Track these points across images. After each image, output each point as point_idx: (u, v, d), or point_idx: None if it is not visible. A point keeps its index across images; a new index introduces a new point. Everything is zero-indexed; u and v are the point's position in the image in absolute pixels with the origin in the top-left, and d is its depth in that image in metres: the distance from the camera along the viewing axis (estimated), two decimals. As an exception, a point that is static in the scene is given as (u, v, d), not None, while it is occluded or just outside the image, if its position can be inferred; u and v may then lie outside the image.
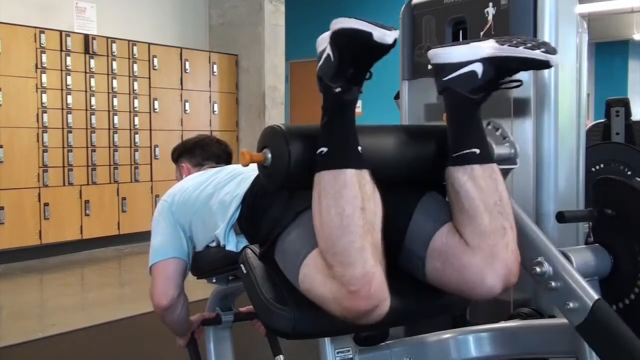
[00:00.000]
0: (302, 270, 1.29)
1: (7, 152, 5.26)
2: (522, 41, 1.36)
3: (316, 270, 1.26)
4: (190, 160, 2.18)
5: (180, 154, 2.21)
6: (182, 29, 7.18)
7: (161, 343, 3.05)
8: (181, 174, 2.18)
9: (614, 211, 1.63)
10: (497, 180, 1.35)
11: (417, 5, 2.47)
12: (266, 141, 1.37)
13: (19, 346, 3.27)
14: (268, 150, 1.34)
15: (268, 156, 1.34)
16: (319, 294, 1.25)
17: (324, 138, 1.28)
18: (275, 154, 1.33)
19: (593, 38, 11.72)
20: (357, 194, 1.23)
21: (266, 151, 1.35)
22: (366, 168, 1.27)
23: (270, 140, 1.35)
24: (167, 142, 6.46)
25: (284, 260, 1.38)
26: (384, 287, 1.20)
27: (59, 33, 5.65)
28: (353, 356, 1.46)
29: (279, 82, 7.30)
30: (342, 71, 1.24)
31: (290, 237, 1.37)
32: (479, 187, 1.32)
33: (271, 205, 1.48)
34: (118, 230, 6.06)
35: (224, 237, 1.67)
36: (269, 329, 1.48)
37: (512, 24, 2.14)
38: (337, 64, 1.24)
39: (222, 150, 2.22)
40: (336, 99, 1.27)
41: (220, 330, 2.15)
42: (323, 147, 1.27)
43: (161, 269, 1.84)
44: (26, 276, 5.09)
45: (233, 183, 1.74)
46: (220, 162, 2.18)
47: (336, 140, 1.27)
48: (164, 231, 1.85)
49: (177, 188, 1.91)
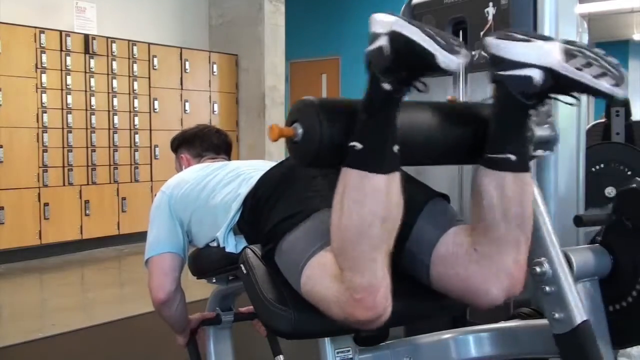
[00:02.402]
0: (305, 272, 1.28)
1: (7, 152, 5.26)
2: (588, 63, 1.22)
3: (322, 271, 1.25)
4: (189, 151, 2.17)
5: (179, 144, 2.21)
6: (182, 29, 7.18)
7: (161, 343, 3.05)
8: (180, 164, 2.18)
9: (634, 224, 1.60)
10: (525, 192, 1.27)
11: (417, 5, 2.47)
12: (297, 115, 1.24)
13: (19, 346, 3.27)
14: (299, 125, 1.23)
15: (299, 131, 1.22)
16: (322, 297, 1.24)
17: (360, 133, 1.17)
18: (306, 129, 1.22)
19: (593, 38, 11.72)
20: (381, 203, 1.17)
21: (297, 125, 1.23)
22: (399, 170, 1.20)
23: (301, 114, 1.23)
24: (167, 142, 6.41)
25: (286, 262, 1.38)
26: (388, 298, 1.18)
27: (59, 33, 5.65)
28: (353, 356, 1.45)
29: (279, 82, 7.30)
30: (395, 70, 1.14)
31: (293, 239, 1.36)
32: (505, 197, 1.25)
33: (274, 207, 1.47)
34: (118, 230, 6.06)
35: (223, 240, 1.67)
36: (269, 329, 1.48)
37: (512, 24, 2.14)
38: (391, 62, 1.14)
39: (222, 140, 2.21)
40: (382, 93, 1.16)
41: (220, 330, 2.15)
42: (357, 143, 1.17)
43: (157, 263, 1.84)
44: (26, 276, 5.09)
45: (235, 183, 1.73)
46: (220, 152, 2.18)
47: (373, 139, 1.17)
48: (160, 225, 1.85)
49: (176, 180, 1.90)
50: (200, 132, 2.20)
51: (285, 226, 1.39)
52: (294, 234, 1.37)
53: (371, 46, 1.18)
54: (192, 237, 1.86)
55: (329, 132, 1.20)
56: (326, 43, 9.01)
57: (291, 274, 1.35)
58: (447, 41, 1.10)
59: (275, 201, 1.48)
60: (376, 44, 1.17)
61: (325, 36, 9.05)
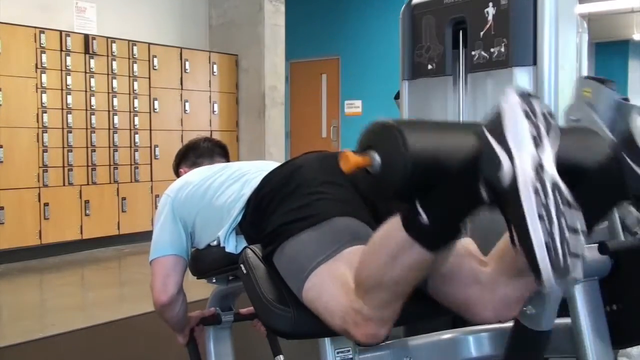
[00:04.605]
0: (311, 279, 1.28)
1: (7, 152, 5.26)
2: None
3: (332, 282, 1.24)
4: (186, 163, 2.23)
5: (177, 164, 2.26)
6: (182, 29, 7.18)
7: (161, 343, 3.05)
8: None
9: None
10: None
11: (417, 5, 2.47)
12: (374, 140, 1.07)
13: (19, 346, 3.27)
14: (376, 154, 1.05)
15: (376, 161, 1.05)
16: (326, 307, 1.24)
17: (434, 202, 1.02)
18: (386, 160, 1.04)
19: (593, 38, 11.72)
20: (415, 272, 1.11)
21: (373, 154, 1.05)
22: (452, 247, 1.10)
23: (380, 140, 1.05)
24: (167, 142, 6.46)
25: (288, 264, 1.37)
26: (391, 327, 1.19)
27: (59, 33, 5.65)
28: (353, 356, 1.45)
29: (279, 82, 7.30)
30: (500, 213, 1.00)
31: (299, 243, 1.36)
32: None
33: (278, 208, 1.47)
34: (118, 230, 6.06)
35: (224, 239, 1.67)
36: (269, 329, 1.48)
37: (512, 24, 2.14)
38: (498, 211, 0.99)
39: (213, 144, 2.26)
40: (468, 204, 1.01)
41: (220, 330, 2.15)
42: (424, 213, 1.02)
43: (160, 265, 1.85)
44: (26, 276, 5.09)
45: (239, 184, 1.73)
46: (214, 155, 2.20)
47: (445, 220, 1.04)
48: (164, 227, 1.86)
49: (180, 182, 1.91)
50: (189, 144, 2.27)
51: (290, 229, 1.38)
52: (300, 237, 1.36)
53: (491, 163, 0.95)
54: (195, 239, 1.86)
55: (412, 167, 1.00)
56: (326, 43, 9.01)
57: (293, 277, 1.34)
58: (562, 252, 0.90)
59: (279, 202, 1.48)
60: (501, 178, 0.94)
61: (325, 36, 9.05)
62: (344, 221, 1.36)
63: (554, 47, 2.11)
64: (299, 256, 1.34)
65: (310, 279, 1.28)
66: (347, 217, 1.37)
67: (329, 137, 9.14)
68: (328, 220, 1.35)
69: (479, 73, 2.26)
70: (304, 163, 1.55)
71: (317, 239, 1.33)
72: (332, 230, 1.33)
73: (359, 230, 1.34)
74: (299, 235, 1.36)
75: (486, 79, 2.24)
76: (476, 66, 2.26)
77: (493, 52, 2.19)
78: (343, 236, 1.32)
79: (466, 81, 2.32)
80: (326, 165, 1.50)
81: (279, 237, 1.40)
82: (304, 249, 1.34)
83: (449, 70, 2.38)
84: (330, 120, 9.16)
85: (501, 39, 2.16)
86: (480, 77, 2.26)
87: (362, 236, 1.28)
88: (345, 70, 9.01)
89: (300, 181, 1.48)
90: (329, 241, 1.30)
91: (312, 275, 1.28)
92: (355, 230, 1.34)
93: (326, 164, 1.51)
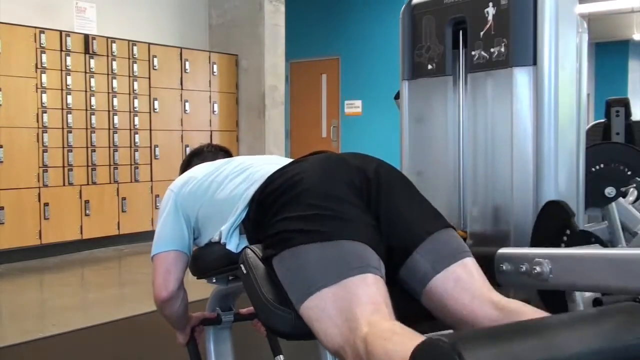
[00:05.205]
0: (313, 299, 1.29)
1: (7, 152, 5.26)
2: None
3: (335, 310, 1.26)
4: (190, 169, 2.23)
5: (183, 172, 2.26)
6: (182, 29, 7.18)
7: (161, 343, 3.05)
8: None
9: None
10: None
11: (417, 5, 2.47)
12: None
13: (19, 346, 3.27)
14: None
15: None
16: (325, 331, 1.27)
17: None
18: None
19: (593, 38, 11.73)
20: None
21: None
22: None
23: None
24: (167, 142, 6.46)
25: (290, 274, 1.37)
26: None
27: (59, 33, 5.65)
28: (353, 356, 1.45)
29: (279, 82, 7.30)
30: None
31: (304, 256, 1.35)
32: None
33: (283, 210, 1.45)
34: (118, 230, 6.06)
35: (227, 235, 1.66)
36: (269, 329, 1.48)
37: (512, 24, 2.14)
38: None
39: (214, 148, 2.28)
40: None
41: (220, 330, 2.15)
42: None
43: (161, 261, 1.84)
44: (26, 276, 5.09)
45: (241, 177, 1.73)
46: (217, 157, 2.20)
47: None
48: (167, 222, 1.85)
49: (184, 177, 1.91)
50: (192, 152, 2.28)
51: (294, 238, 1.37)
52: (304, 250, 1.35)
53: None
54: (198, 234, 1.86)
55: None
56: (326, 43, 9.01)
57: (293, 288, 1.34)
58: None
59: (283, 204, 1.46)
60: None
61: (325, 36, 9.05)
62: (351, 246, 1.34)
63: (554, 47, 2.11)
64: (302, 271, 1.34)
65: (312, 298, 1.29)
66: (354, 242, 1.35)
67: (329, 137, 9.14)
68: (336, 241, 1.34)
69: (479, 73, 2.26)
70: (311, 167, 1.53)
71: (323, 259, 1.32)
72: (339, 253, 1.32)
73: (366, 256, 1.34)
74: (304, 248, 1.35)
75: (486, 79, 2.24)
76: (476, 66, 2.26)
77: (493, 52, 2.19)
78: (349, 262, 1.31)
79: (466, 81, 2.32)
80: (334, 172, 1.50)
81: (281, 243, 1.39)
82: (308, 265, 1.33)
83: (449, 70, 2.38)
84: (330, 120, 9.16)
85: (501, 39, 2.16)
86: (480, 77, 2.26)
87: (368, 263, 1.31)
88: (345, 70, 9.01)
89: (307, 186, 1.45)
90: (335, 265, 1.30)
91: (314, 296, 1.29)
92: (361, 257, 1.33)
93: (334, 169, 1.51)
